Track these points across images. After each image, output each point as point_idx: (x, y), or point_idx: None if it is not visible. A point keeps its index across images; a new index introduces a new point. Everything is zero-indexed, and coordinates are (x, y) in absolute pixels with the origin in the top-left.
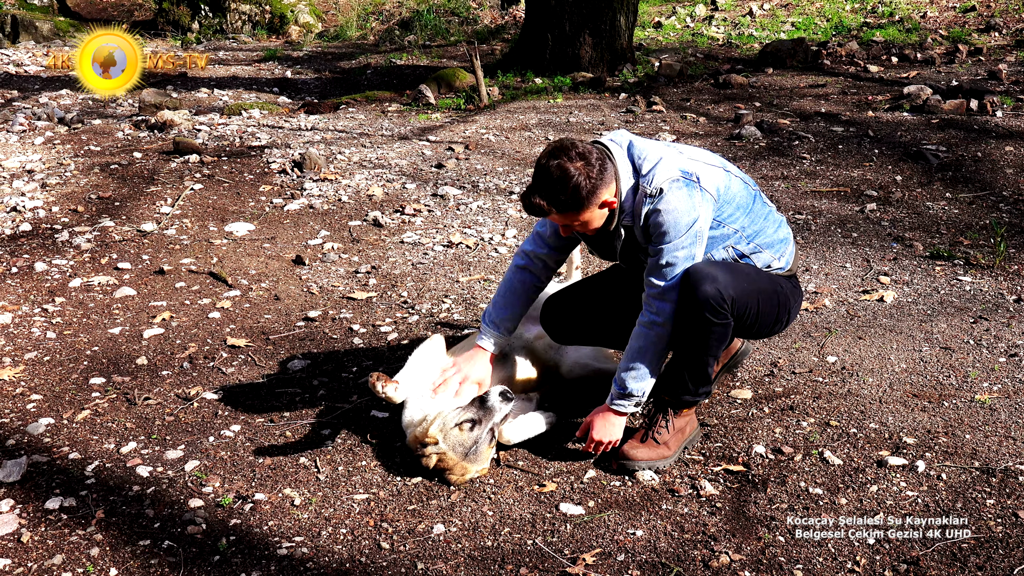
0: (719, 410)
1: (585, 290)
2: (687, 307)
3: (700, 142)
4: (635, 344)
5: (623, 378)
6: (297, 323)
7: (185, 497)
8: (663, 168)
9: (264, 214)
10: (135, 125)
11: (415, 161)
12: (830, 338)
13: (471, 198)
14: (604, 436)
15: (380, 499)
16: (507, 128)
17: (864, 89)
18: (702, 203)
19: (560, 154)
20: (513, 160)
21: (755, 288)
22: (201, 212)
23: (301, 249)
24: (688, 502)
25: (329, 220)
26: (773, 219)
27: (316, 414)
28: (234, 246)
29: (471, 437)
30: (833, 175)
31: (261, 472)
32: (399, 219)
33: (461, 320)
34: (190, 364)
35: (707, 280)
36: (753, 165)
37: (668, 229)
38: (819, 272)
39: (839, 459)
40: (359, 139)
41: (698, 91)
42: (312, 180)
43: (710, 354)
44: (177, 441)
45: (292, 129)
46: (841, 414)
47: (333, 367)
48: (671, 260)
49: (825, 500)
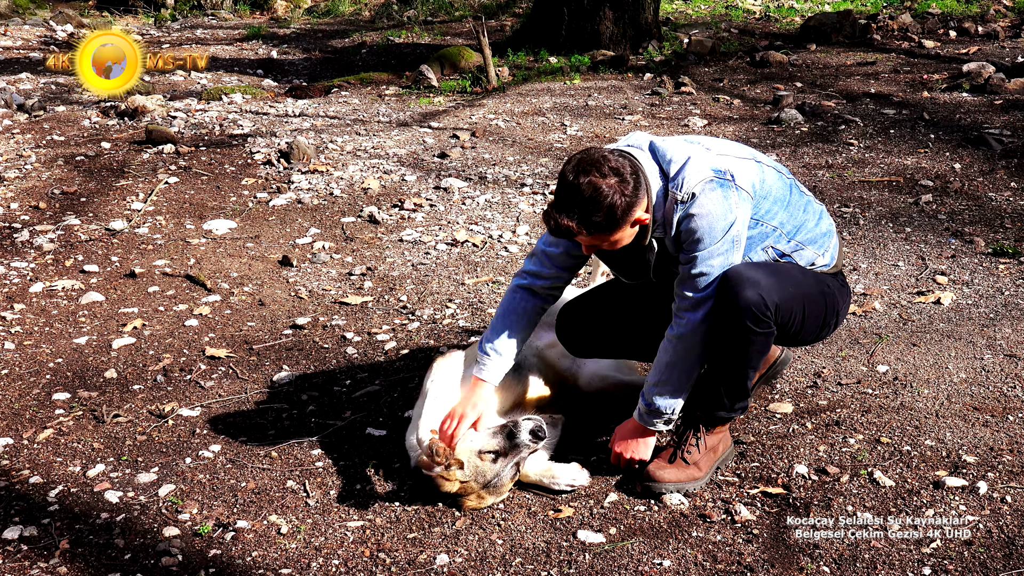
0: (756, 426)
1: (606, 296)
2: (725, 315)
3: (734, 127)
4: (663, 359)
5: (650, 394)
6: (284, 331)
7: (159, 525)
8: (693, 169)
9: (247, 210)
10: (103, 112)
11: (416, 150)
12: (881, 345)
13: (478, 191)
14: (628, 452)
15: (377, 526)
16: (518, 113)
17: (918, 67)
18: (739, 204)
19: (591, 169)
20: (525, 148)
21: (801, 292)
22: (177, 208)
23: (288, 249)
24: (721, 529)
25: (319, 216)
26: (813, 210)
27: (305, 432)
28: (213, 246)
29: (492, 469)
30: (884, 163)
31: (244, 497)
32: (397, 215)
33: (467, 327)
34: (164, 377)
35: (748, 285)
36: (794, 153)
37: (703, 236)
38: (868, 272)
39: (891, 480)
40: (353, 126)
41: (732, 70)
42: (300, 172)
43: (750, 366)
44: (150, 463)
45: (278, 116)
46: (893, 430)
47: (324, 380)
48: (705, 269)
49: (875, 525)
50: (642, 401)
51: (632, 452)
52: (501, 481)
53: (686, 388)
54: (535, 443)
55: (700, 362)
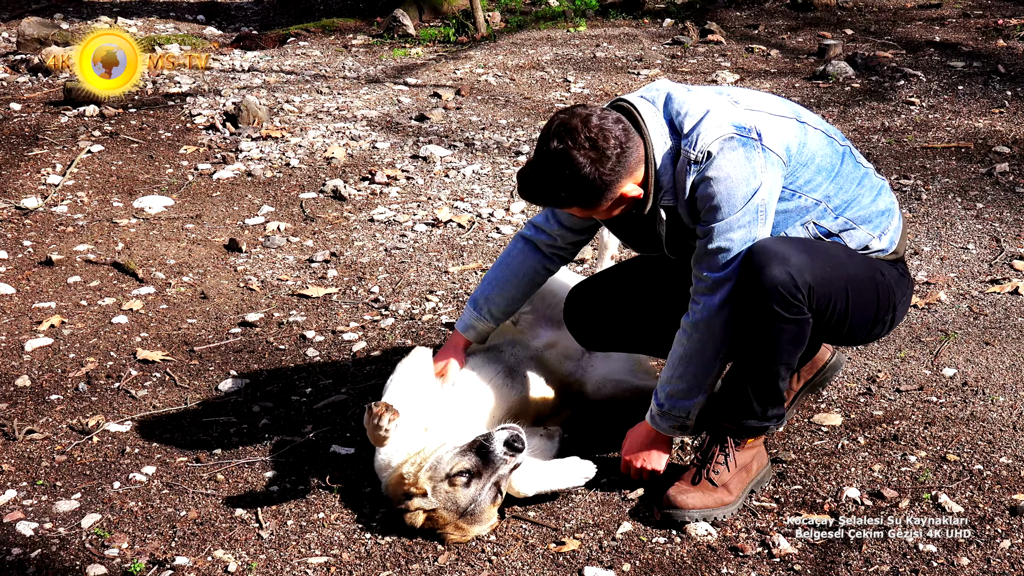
0: (798, 441)
1: (622, 278)
2: (749, 298)
3: (771, 83)
4: (677, 351)
5: (662, 392)
6: (231, 330)
7: (82, 563)
8: (710, 124)
9: (186, 184)
10: (12, 67)
11: (389, 112)
12: (947, 344)
13: (464, 161)
14: (639, 461)
15: (344, 563)
16: (512, 67)
17: (993, 10)
18: (765, 168)
19: (566, 137)
20: (520, 109)
21: (843, 274)
22: (102, 182)
23: (236, 231)
24: (756, 564)
25: (274, 192)
26: (870, 184)
27: (257, 451)
28: (146, 227)
29: (466, 495)
30: (951, 126)
31: (184, 529)
32: (367, 190)
33: (452, 323)
34: (88, 385)
35: (775, 261)
36: (843, 114)
37: (720, 203)
38: (932, 256)
39: (959, 505)
40: (313, 83)
41: (769, 14)
42: (250, 139)
43: (780, 361)
44: (71, 488)
45: (223, 71)
46: (962, 445)
47: (280, 388)
48: (724, 244)
49: (940, 560)
50: (654, 401)
51: (644, 462)
52: (479, 507)
53: (704, 388)
54: (511, 456)
55: (720, 356)
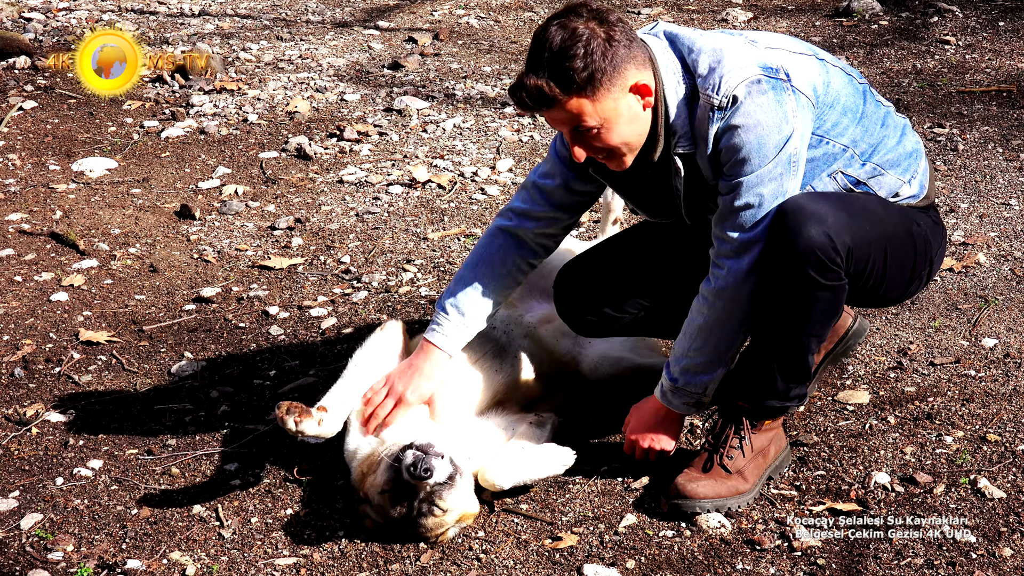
0: (820, 421)
1: (622, 249)
2: (781, 263)
3: (789, 22)
4: (697, 320)
5: (677, 366)
6: (184, 307)
7: (22, 568)
8: (733, 64)
9: (131, 144)
10: None
11: (358, 60)
12: (987, 311)
13: (444, 113)
14: (646, 441)
15: (315, 564)
16: (497, 6)
17: None
18: (797, 112)
19: (566, 14)
20: (507, 55)
21: (882, 231)
22: (36, 143)
23: (188, 196)
24: (776, 559)
25: (230, 151)
26: (894, 124)
27: (216, 441)
28: (87, 193)
29: (397, 511)
30: (991, 67)
31: (135, 529)
32: (335, 147)
33: (432, 295)
34: (24, 371)
35: (811, 220)
36: (870, 55)
37: (749, 154)
38: (970, 213)
39: (1001, 491)
40: (273, 28)
41: None
42: (203, 92)
43: (811, 334)
44: (8, 485)
45: (171, 15)
46: (1003, 424)
47: (240, 371)
48: (752, 200)
49: (980, 551)
50: (666, 375)
51: (651, 442)
52: (419, 525)
53: (724, 361)
54: (420, 482)
55: (743, 328)
